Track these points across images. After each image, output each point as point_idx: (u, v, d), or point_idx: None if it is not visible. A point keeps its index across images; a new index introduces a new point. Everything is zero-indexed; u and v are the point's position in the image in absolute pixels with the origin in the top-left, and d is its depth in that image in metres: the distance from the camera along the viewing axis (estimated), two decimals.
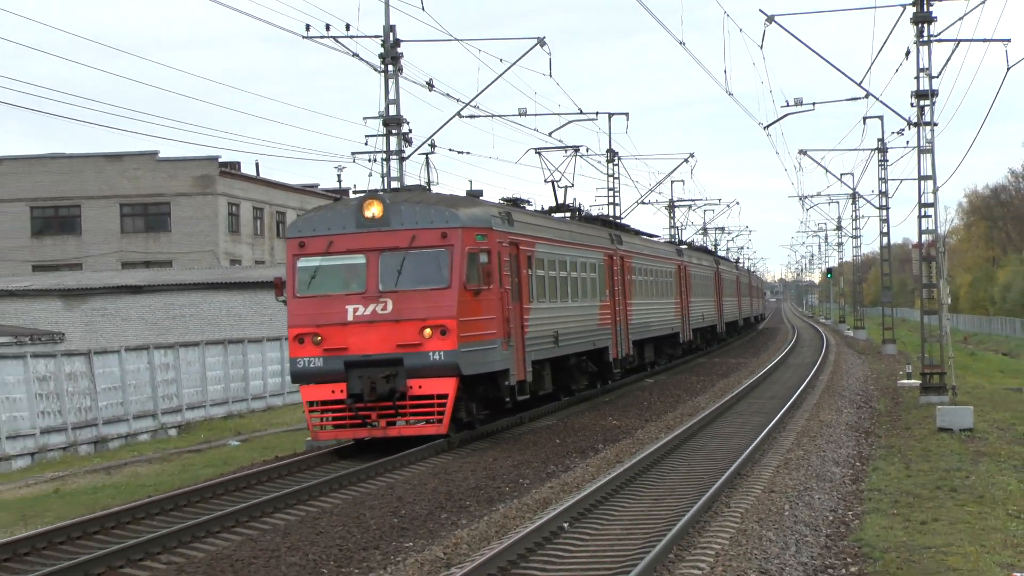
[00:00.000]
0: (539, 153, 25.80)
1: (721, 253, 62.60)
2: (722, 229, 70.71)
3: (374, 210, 15.45)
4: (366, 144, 22.74)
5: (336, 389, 14.98)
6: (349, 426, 15.53)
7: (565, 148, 26.19)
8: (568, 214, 24.35)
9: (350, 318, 15.19)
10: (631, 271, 25.83)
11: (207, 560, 9.30)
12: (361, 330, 15.11)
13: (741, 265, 66.80)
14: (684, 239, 49.36)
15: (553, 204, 24.06)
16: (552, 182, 25.11)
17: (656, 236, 34.32)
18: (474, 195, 18.75)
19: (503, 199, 20.62)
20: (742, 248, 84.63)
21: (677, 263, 33.55)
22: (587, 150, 27.26)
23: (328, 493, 12.63)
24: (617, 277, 24.33)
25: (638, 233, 31.02)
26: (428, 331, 14.93)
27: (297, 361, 15.50)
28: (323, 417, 15.75)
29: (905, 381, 27.58)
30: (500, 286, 16.16)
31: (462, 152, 27.61)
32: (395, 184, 22.01)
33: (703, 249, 48.90)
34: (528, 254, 18.30)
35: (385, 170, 22.08)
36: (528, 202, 21.36)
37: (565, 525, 9.64)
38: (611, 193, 31.78)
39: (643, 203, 41.33)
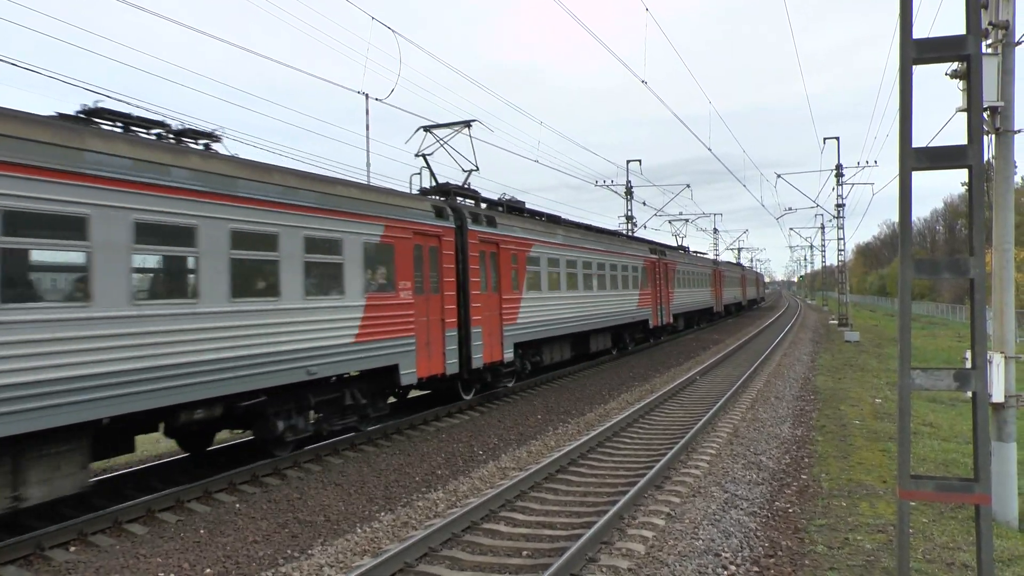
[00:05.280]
0: (427, 130, 20.97)
1: (744, 262, 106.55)
2: (741, 249, 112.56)
3: None
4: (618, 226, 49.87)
5: None
6: None
7: (454, 124, 20.86)
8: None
9: None
10: (525, 262, 20.99)
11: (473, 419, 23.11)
12: None
13: (748, 267, 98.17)
14: (698, 249, 66.65)
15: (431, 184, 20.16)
16: (423, 155, 20.69)
17: (639, 239, 37.66)
18: None
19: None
20: (761, 261, 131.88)
21: (650, 260, 33.38)
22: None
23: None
24: (486, 268, 18.81)
25: (591, 229, 28.17)
26: None
27: None
28: None
29: (832, 322, 57.87)
30: None
31: (656, 229, 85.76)
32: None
33: (704, 256, 57.20)
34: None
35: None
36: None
37: (697, 377, 23.73)
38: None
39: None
